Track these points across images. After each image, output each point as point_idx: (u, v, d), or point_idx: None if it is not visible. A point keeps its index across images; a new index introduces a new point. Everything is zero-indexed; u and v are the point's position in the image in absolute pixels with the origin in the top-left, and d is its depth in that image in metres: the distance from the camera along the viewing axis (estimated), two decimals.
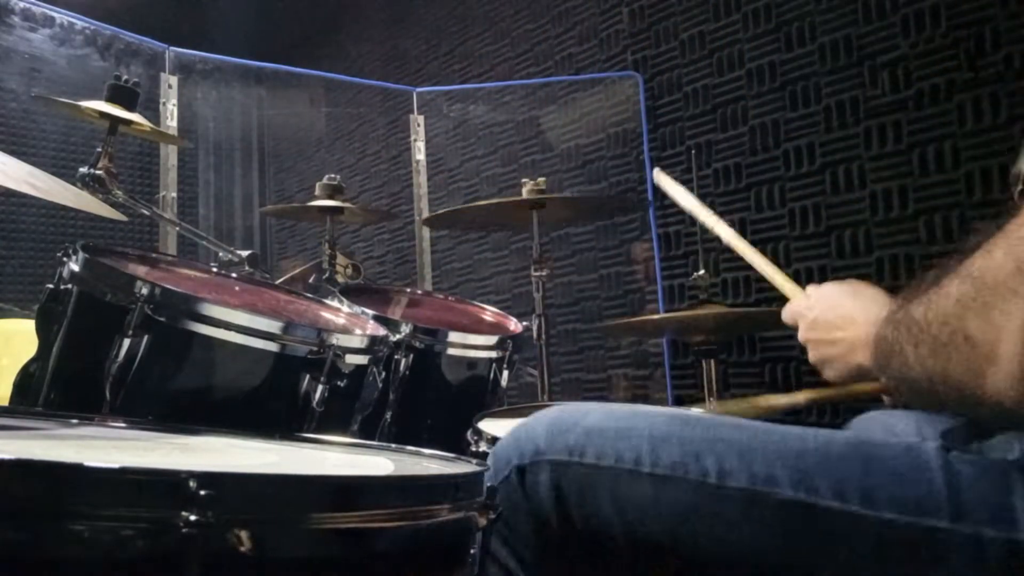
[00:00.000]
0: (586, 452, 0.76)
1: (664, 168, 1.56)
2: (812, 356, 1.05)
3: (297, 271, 2.38)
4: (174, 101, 3.21)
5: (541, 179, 2.28)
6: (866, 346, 0.85)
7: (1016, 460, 0.66)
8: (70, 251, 1.26)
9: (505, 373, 1.74)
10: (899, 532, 0.65)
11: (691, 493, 0.71)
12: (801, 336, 1.07)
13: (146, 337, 1.17)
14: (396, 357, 1.59)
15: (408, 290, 2.25)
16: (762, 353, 2.85)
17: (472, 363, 1.72)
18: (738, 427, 0.76)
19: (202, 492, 0.50)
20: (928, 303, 0.66)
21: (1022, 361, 0.59)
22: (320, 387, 1.28)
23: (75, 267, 1.24)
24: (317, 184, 2.39)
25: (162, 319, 1.18)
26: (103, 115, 1.83)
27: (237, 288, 1.59)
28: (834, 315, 0.99)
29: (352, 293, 1.84)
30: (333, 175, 2.40)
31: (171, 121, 3.19)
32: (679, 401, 3.04)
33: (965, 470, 0.66)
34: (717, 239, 1.32)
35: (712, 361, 2.37)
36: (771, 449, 0.71)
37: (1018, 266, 0.59)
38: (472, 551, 0.67)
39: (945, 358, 0.63)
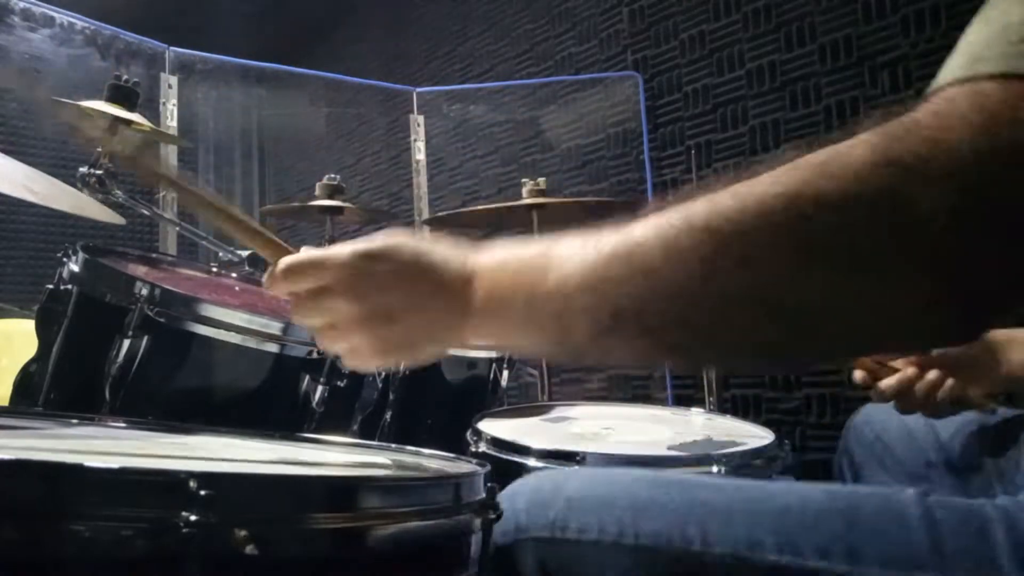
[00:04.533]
0: (568, 526, 0.73)
1: (664, 168, 1.56)
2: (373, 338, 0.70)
3: None
4: (174, 101, 3.21)
5: (541, 179, 2.29)
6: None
7: (1000, 505, 0.66)
8: (70, 251, 1.26)
9: (505, 373, 1.74)
10: None
11: (676, 563, 0.70)
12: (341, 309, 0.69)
13: (146, 338, 1.17)
14: None
15: None
16: None
17: (472, 363, 1.72)
18: (718, 488, 0.75)
19: (202, 492, 0.50)
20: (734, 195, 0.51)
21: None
22: (320, 387, 1.28)
23: (75, 267, 1.24)
24: (317, 184, 2.39)
25: (162, 320, 1.18)
26: (103, 115, 1.83)
27: (237, 288, 1.59)
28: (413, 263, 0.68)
29: None
30: (333, 175, 2.40)
31: (171, 121, 3.19)
32: (679, 401, 3.03)
33: (945, 518, 0.65)
34: None
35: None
36: (751, 510, 0.70)
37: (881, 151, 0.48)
38: (472, 551, 0.67)
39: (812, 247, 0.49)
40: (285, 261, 0.74)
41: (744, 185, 0.52)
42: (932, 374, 1.12)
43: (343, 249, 0.70)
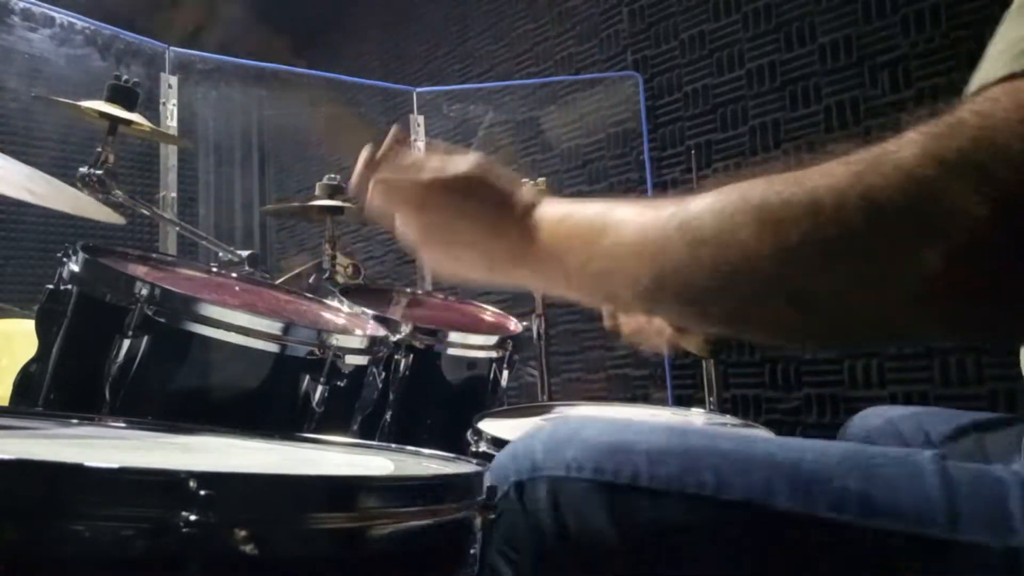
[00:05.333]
0: (583, 467, 0.74)
1: (664, 168, 1.56)
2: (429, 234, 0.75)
3: (297, 271, 2.38)
4: (174, 101, 3.21)
5: (541, 179, 2.29)
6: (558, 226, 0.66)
7: (1015, 470, 0.66)
8: (70, 252, 1.26)
9: (505, 373, 1.74)
10: (897, 543, 0.65)
11: (689, 507, 0.71)
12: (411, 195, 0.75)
13: (146, 338, 1.17)
14: (396, 357, 1.58)
15: (408, 290, 2.25)
16: (762, 353, 2.85)
17: (472, 363, 1.72)
18: (735, 439, 0.76)
19: (202, 492, 0.50)
20: (778, 181, 0.53)
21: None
22: (320, 387, 1.28)
23: (75, 268, 1.24)
24: (317, 184, 2.39)
25: (162, 320, 1.18)
26: (103, 115, 1.83)
27: (237, 288, 1.59)
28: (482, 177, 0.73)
29: (352, 293, 1.84)
30: (333, 175, 2.40)
31: (171, 121, 3.19)
32: (679, 401, 3.03)
33: (961, 478, 0.66)
34: None
35: (712, 361, 2.37)
36: (768, 461, 0.71)
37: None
38: (472, 551, 0.67)
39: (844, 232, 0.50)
40: (371, 171, 0.78)
41: (799, 173, 0.53)
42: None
43: (430, 175, 0.74)
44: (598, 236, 0.63)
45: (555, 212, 0.69)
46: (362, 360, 1.39)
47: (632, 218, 0.62)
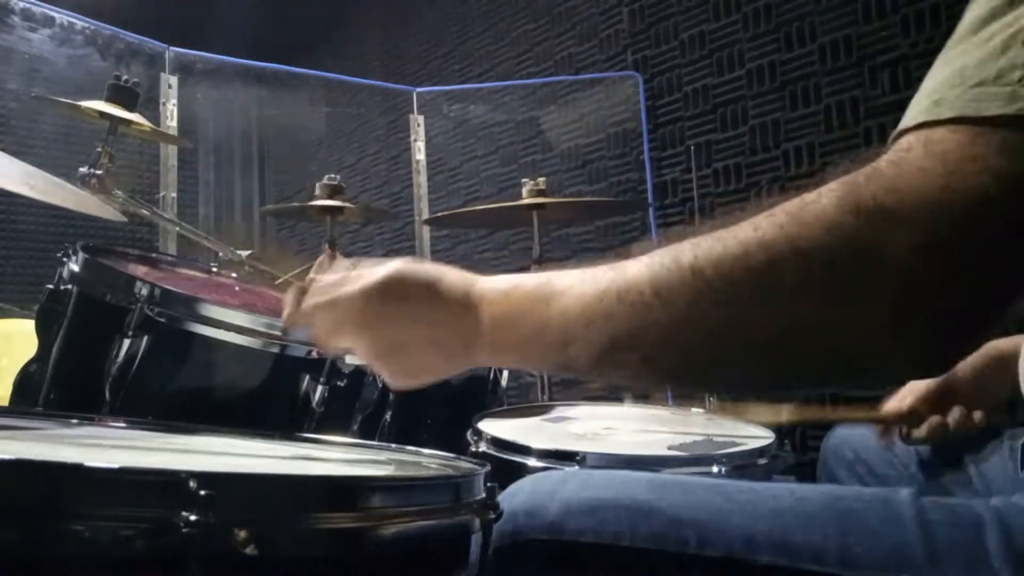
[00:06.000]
0: (565, 529, 0.74)
1: (664, 168, 1.56)
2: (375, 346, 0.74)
3: (297, 271, 2.38)
4: (174, 101, 3.21)
5: (541, 179, 2.28)
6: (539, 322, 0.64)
7: (992, 505, 0.66)
8: (70, 251, 1.26)
9: (505, 373, 1.74)
10: None
11: (673, 565, 0.70)
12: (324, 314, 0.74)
13: (146, 337, 1.17)
14: None
15: None
16: None
17: None
18: (714, 490, 0.76)
19: (202, 492, 0.50)
20: (716, 242, 0.54)
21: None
22: (320, 388, 1.28)
23: (75, 267, 1.24)
24: (317, 184, 2.39)
25: (162, 320, 1.18)
26: (103, 115, 1.82)
27: (237, 288, 1.59)
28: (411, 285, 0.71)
29: None
30: (333, 175, 2.40)
31: (171, 121, 3.19)
32: (679, 400, 3.03)
33: (939, 518, 0.66)
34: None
35: None
36: (747, 511, 0.71)
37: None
38: (472, 551, 0.67)
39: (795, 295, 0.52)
40: (300, 304, 0.77)
41: (727, 230, 0.55)
42: (956, 411, 1.12)
43: (352, 287, 0.72)
44: (544, 306, 0.64)
45: (496, 288, 0.69)
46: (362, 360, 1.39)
47: (573, 286, 0.63)
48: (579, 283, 0.62)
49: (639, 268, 0.58)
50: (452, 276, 0.72)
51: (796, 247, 0.51)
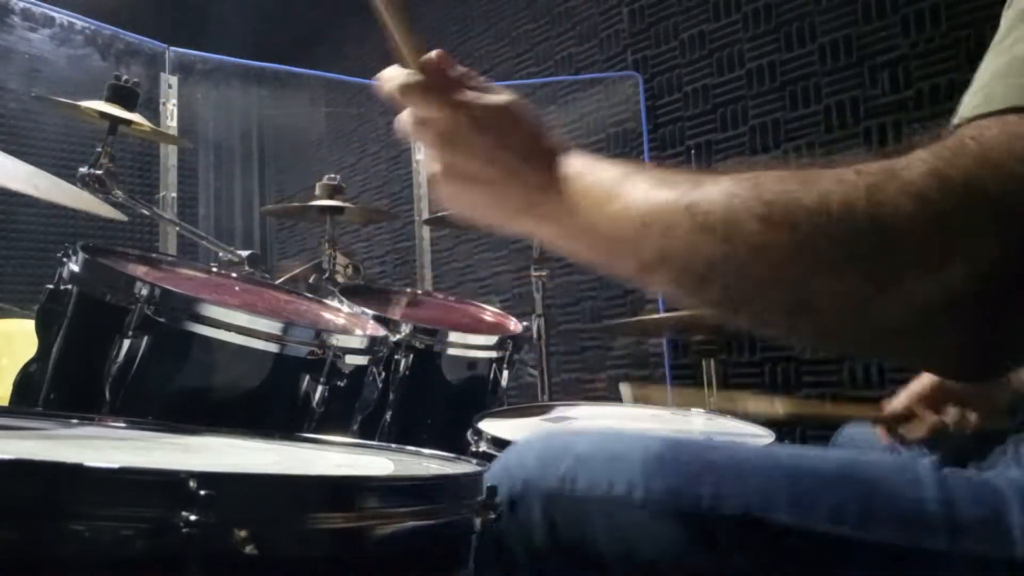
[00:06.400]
0: (577, 481, 0.73)
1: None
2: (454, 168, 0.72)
3: (297, 271, 2.38)
4: (174, 101, 3.21)
5: None
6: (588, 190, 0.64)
7: (1013, 479, 0.65)
8: (70, 251, 1.26)
9: (505, 373, 1.74)
10: (897, 555, 0.64)
11: (685, 521, 0.70)
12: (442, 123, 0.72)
13: (146, 338, 1.17)
14: (396, 357, 1.58)
15: (408, 290, 2.25)
16: (762, 353, 2.85)
17: (472, 363, 1.72)
18: (731, 451, 0.75)
19: (202, 492, 0.50)
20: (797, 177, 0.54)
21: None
22: (320, 387, 1.28)
23: (75, 267, 1.24)
24: (317, 184, 2.39)
25: (162, 320, 1.18)
26: (103, 115, 1.83)
27: (237, 288, 1.59)
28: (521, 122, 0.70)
29: (352, 293, 1.84)
30: (333, 175, 2.40)
31: (171, 121, 3.19)
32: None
33: (960, 488, 0.65)
34: None
35: (712, 361, 2.37)
36: (765, 473, 0.70)
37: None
38: (472, 551, 0.67)
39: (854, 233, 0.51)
40: (419, 84, 0.75)
41: (813, 173, 0.54)
42: (953, 411, 1.12)
43: (476, 96, 0.72)
44: (608, 200, 0.63)
45: (575, 166, 0.67)
46: (362, 360, 1.39)
47: (645, 189, 0.61)
48: (652, 187, 0.61)
49: (715, 191, 0.57)
50: (551, 138, 0.71)
51: (877, 213, 0.50)
